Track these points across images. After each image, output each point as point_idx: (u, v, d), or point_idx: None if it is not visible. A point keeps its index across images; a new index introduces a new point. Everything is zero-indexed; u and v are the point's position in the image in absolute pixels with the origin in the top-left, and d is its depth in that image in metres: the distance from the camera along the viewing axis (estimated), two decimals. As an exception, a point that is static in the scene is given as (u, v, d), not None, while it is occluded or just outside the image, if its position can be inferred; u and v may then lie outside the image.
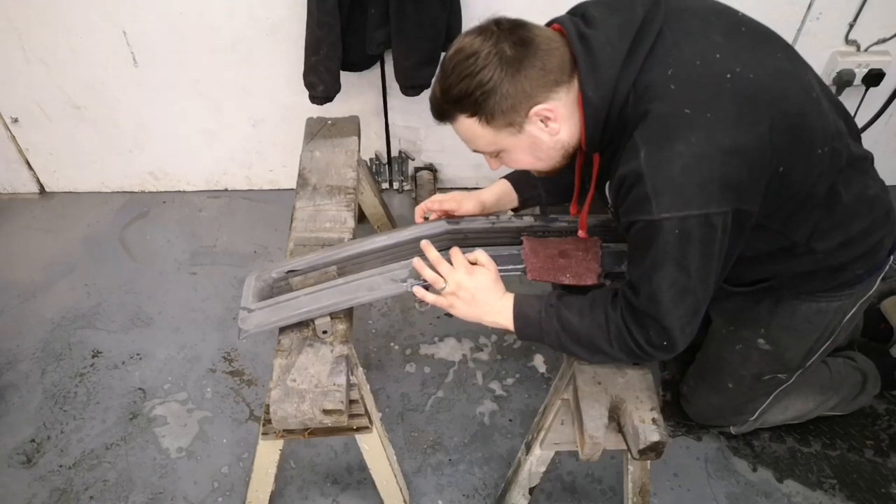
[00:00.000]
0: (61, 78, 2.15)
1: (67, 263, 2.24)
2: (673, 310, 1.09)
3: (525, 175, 1.47)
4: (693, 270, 1.06)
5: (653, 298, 1.09)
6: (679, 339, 1.13)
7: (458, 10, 1.90)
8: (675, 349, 1.14)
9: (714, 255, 1.07)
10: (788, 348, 1.44)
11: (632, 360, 1.23)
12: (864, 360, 1.74)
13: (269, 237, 2.32)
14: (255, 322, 1.28)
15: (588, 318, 1.18)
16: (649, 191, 1.01)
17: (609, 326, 1.16)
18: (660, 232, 1.03)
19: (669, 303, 1.09)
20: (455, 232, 1.41)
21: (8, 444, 1.75)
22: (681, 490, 1.66)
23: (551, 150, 1.14)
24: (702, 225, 1.02)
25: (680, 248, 1.04)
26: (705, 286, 1.10)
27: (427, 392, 1.87)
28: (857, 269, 1.30)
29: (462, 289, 1.24)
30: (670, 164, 1.00)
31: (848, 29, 1.97)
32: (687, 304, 1.10)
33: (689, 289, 1.08)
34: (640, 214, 1.04)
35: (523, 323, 1.24)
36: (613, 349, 1.17)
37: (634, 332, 1.14)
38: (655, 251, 1.05)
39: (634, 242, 1.10)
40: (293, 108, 2.19)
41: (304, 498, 1.65)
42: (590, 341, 1.18)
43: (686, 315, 1.11)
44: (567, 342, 1.20)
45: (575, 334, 1.19)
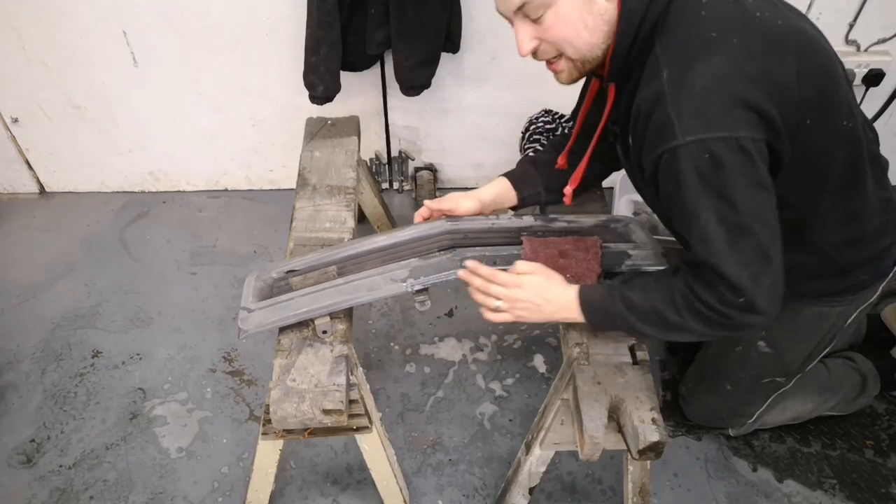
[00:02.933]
0: (61, 78, 2.16)
1: (67, 263, 2.24)
2: (732, 253, 1.00)
3: (524, 173, 1.46)
4: (740, 203, 0.98)
5: (705, 239, 1.01)
6: (755, 294, 1.02)
7: (458, 10, 1.91)
8: (756, 309, 1.03)
9: (762, 185, 0.99)
10: (788, 352, 1.44)
11: (715, 332, 1.10)
12: (864, 360, 1.74)
13: (269, 237, 2.32)
14: (255, 322, 1.28)
15: (653, 291, 1.12)
16: (671, 112, 0.97)
17: (674, 296, 1.09)
18: (688, 158, 0.97)
19: (724, 242, 1.00)
20: (455, 232, 1.41)
21: (8, 444, 1.75)
22: (681, 490, 1.66)
23: (600, 20, 1.04)
24: (733, 150, 0.96)
25: (716, 175, 0.97)
26: (763, 223, 1.01)
27: (427, 392, 1.87)
28: (862, 274, 1.29)
29: (518, 301, 1.22)
30: (692, 83, 0.97)
31: (848, 29, 1.97)
32: (748, 247, 1.00)
33: (742, 226, 0.99)
34: (664, 143, 0.99)
35: (590, 311, 1.19)
36: (685, 319, 1.08)
37: (700, 293, 1.05)
38: (690, 182, 0.99)
39: (667, 185, 1.04)
40: (293, 108, 2.19)
41: (304, 498, 1.65)
42: (658, 317, 1.11)
43: (752, 260, 1.01)
44: (636, 323, 1.14)
45: (642, 313, 1.13)
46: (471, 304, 2.08)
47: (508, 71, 2.12)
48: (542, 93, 2.14)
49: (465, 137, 2.33)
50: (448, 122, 2.29)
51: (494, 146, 2.34)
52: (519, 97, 2.17)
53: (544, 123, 1.83)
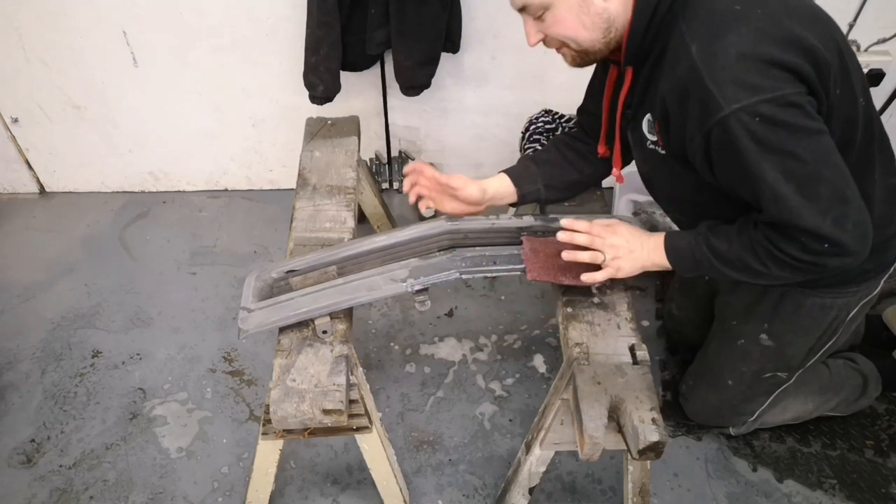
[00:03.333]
0: (61, 78, 2.16)
1: (67, 263, 2.24)
2: (808, 205, 1.00)
3: (524, 170, 1.46)
4: (803, 153, 0.98)
5: (777, 199, 1.01)
6: (842, 238, 1.02)
7: (458, 10, 1.91)
8: (846, 251, 1.03)
9: (820, 131, 0.99)
10: (790, 345, 1.44)
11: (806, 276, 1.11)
12: (865, 361, 1.74)
13: (269, 237, 2.32)
14: (255, 322, 1.28)
15: (736, 242, 1.13)
16: (709, 85, 0.97)
17: (756, 249, 1.10)
18: (739, 126, 0.97)
19: (797, 197, 1.00)
20: (455, 232, 1.41)
21: (8, 444, 1.75)
22: (681, 490, 1.66)
23: (597, 18, 1.09)
24: (783, 105, 0.96)
25: (772, 134, 0.97)
26: (833, 166, 1.00)
27: (427, 392, 1.87)
28: (866, 263, 1.25)
29: (617, 248, 1.25)
30: (725, 53, 0.97)
31: (848, 29, 1.97)
32: (823, 194, 1.00)
33: (812, 175, 0.99)
34: (711, 117, 0.99)
35: (677, 256, 1.23)
36: (769, 268, 1.10)
37: (783, 246, 1.06)
38: (748, 148, 0.98)
39: (723, 158, 1.04)
40: (293, 108, 2.19)
41: (304, 498, 1.65)
42: (744, 265, 1.13)
43: (831, 207, 1.00)
44: (723, 268, 1.16)
45: (728, 261, 1.15)
46: (471, 304, 2.09)
47: (508, 71, 2.12)
48: (542, 93, 2.14)
49: (465, 137, 2.33)
50: (448, 121, 2.29)
51: (494, 146, 2.34)
52: (519, 97, 2.17)
53: (544, 123, 1.83)
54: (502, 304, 2.10)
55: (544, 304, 2.10)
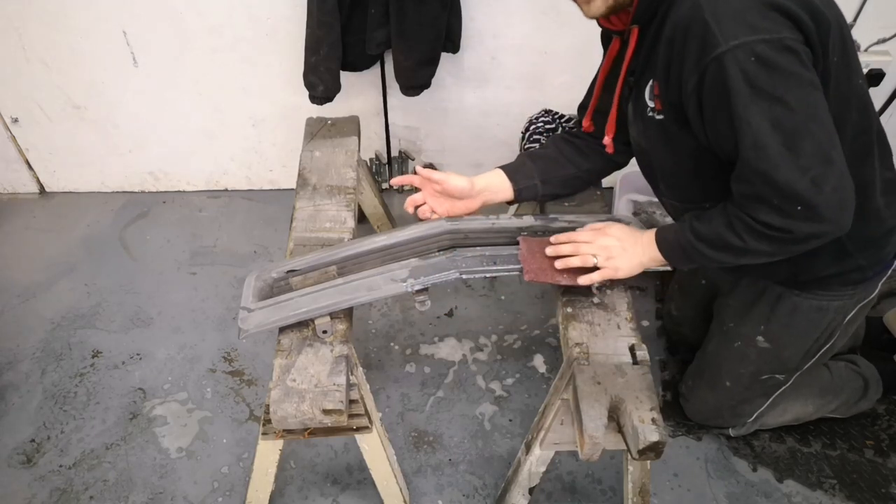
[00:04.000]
0: (61, 78, 2.16)
1: (67, 263, 2.24)
2: (789, 158, 0.97)
3: (520, 165, 1.46)
4: (794, 102, 0.95)
5: (758, 146, 0.98)
6: (817, 199, 0.98)
7: (458, 10, 1.91)
8: (820, 216, 0.99)
9: (812, 84, 0.96)
10: (787, 347, 1.44)
11: (781, 248, 1.08)
12: (867, 364, 1.74)
13: (269, 237, 2.32)
14: (255, 322, 1.28)
15: (716, 220, 1.13)
16: (709, 19, 0.96)
17: (732, 221, 1.09)
18: (733, 63, 0.95)
19: (780, 147, 0.97)
20: (455, 232, 1.41)
21: (8, 444, 1.75)
22: (681, 490, 1.66)
23: None
24: (780, 49, 0.94)
25: (765, 75, 0.95)
26: (821, 123, 0.97)
27: (427, 392, 1.87)
28: (861, 259, 1.27)
29: (609, 248, 1.26)
30: None
31: (848, 29, 1.97)
32: (807, 150, 0.97)
33: (798, 127, 0.96)
34: (708, 54, 0.97)
35: (667, 247, 1.24)
36: (746, 241, 1.08)
37: (755, 212, 1.04)
38: (739, 89, 0.96)
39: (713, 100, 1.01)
40: (293, 108, 2.19)
41: (304, 498, 1.65)
42: (723, 243, 1.12)
43: (811, 164, 0.97)
44: (707, 251, 1.16)
45: (709, 241, 1.15)
46: (471, 304, 2.09)
47: (508, 71, 2.12)
48: (542, 93, 2.14)
49: (465, 137, 2.33)
50: (448, 122, 2.29)
51: (494, 146, 2.34)
52: (519, 97, 2.17)
53: (544, 123, 1.83)
54: (502, 304, 2.10)
55: (544, 304, 2.10)
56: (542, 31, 1.99)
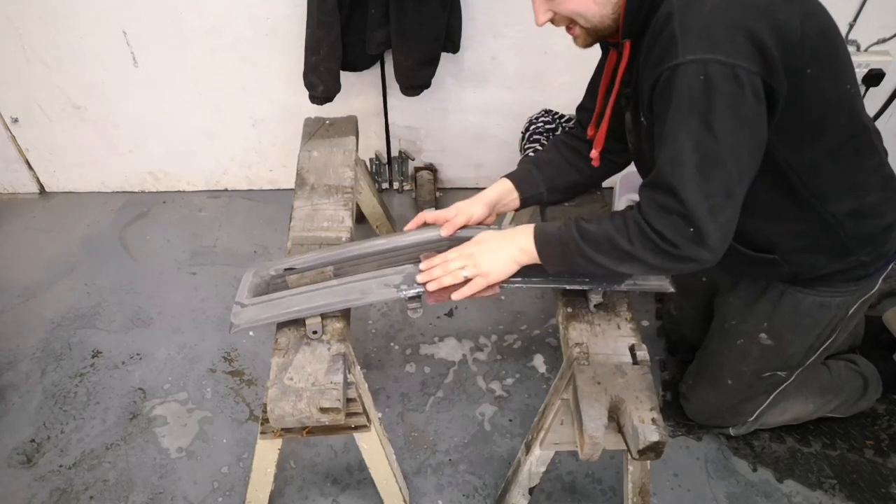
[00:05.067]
0: (61, 78, 2.16)
1: (67, 263, 2.24)
2: (699, 181, 1.00)
3: (526, 174, 1.47)
4: (721, 133, 0.99)
5: (675, 161, 1.01)
6: (710, 227, 1.01)
7: (458, 10, 1.91)
8: (706, 243, 1.03)
9: (745, 121, 1.00)
10: (790, 344, 1.44)
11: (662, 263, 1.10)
12: (866, 363, 1.74)
13: (268, 237, 2.32)
14: (247, 317, 1.29)
15: (607, 222, 1.13)
16: (676, 29, 0.99)
17: (627, 224, 1.10)
18: (683, 77, 0.98)
19: (693, 168, 1.00)
20: (455, 240, 1.40)
21: (8, 444, 1.75)
22: (681, 490, 1.65)
23: None
24: (729, 77, 0.97)
25: (705, 98, 0.98)
26: (736, 158, 1.01)
27: (427, 392, 1.87)
28: (863, 255, 1.27)
29: (473, 255, 1.25)
30: (701, 3, 0.99)
31: (848, 29, 1.97)
32: (716, 179, 1.00)
33: (717, 156, 1.00)
34: (665, 62, 1.00)
35: (544, 241, 1.21)
36: (635, 246, 1.09)
37: (654, 219, 1.05)
38: (680, 102, 1.00)
39: (659, 105, 1.04)
40: (293, 108, 2.19)
41: (304, 498, 1.65)
42: (610, 244, 1.12)
43: (716, 193, 1.01)
44: (588, 251, 1.14)
45: (594, 241, 1.14)
46: (471, 304, 2.09)
47: (508, 71, 2.12)
48: (542, 93, 2.14)
49: (465, 137, 2.33)
50: (448, 122, 2.29)
51: (494, 146, 2.34)
52: (519, 97, 2.17)
53: (544, 123, 1.83)
54: (502, 304, 2.10)
55: (544, 304, 2.10)
56: (542, 31, 1.97)
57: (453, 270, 1.25)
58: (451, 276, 1.25)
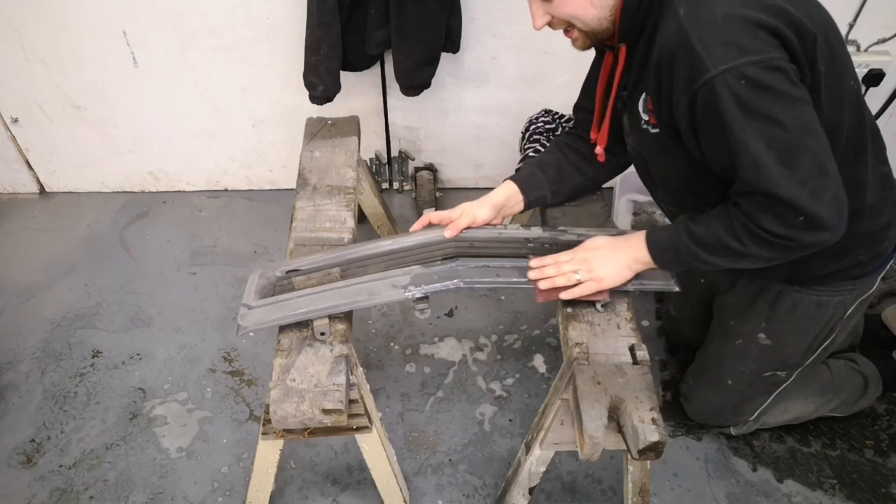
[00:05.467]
0: (61, 78, 2.16)
1: (67, 263, 2.24)
2: (788, 174, 0.99)
3: (530, 176, 1.47)
4: (787, 120, 0.97)
5: (757, 167, 1.00)
6: (819, 209, 1.00)
7: (458, 10, 1.91)
8: (821, 225, 1.02)
9: (802, 100, 0.98)
10: (789, 343, 1.44)
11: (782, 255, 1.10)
12: (866, 362, 1.74)
13: (269, 237, 2.32)
14: (254, 320, 1.28)
15: (714, 223, 1.13)
16: (696, 45, 0.97)
17: (734, 225, 1.09)
18: (724, 87, 0.97)
19: (778, 165, 0.98)
20: (461, 240, 1.40)
21: (8, 444, 1.75)
22: (681, 490, 1.66)
23: None
24: (769, 69, 0.96)
25: (757, 97, 0.96)
26: (815, 136, 0.99)
27: (427, 392, 1.87)
28: (860, 254, 1.27)
29: (588, 259, 1.26)
30: (712, 14, 0.98)
31: (848, 29, 1.97)
32: (804, 163, 0.99)
33: (794, 143, 0.98)
34: (697, 79, 0.98)
35: (657, 248, 1.22)
36: (747, 246, 1.09)
37: (760, 220, 1.04)
38: (732, 112, 0.98)
39: (707, 122, 1.03)
40: (293, 108, 2.19)
41: (304, 498, 1.65)
42: (722, 246, 1.12)
43: (809, 177, 0.99)
44: (702, 253, 1.15)
45: (706, 244, 1.14)
46: (471, 304, 2.09)
47: (508, 71, 2.12)
48: (542, 93, 2.14)
49: (465, 137, 2.33)
50: (448, 122, 2.29)
51: (494, 146, 2.34)
52: (519, 97, 2.17)
53: (544, 123, 1.83)
54: (502, 304, 2.10)
55: (544, 304, 2.10)
56: (542, 31, 1.99)
57: (567, 272, 1.27)
58: (565, 277, 1.27)
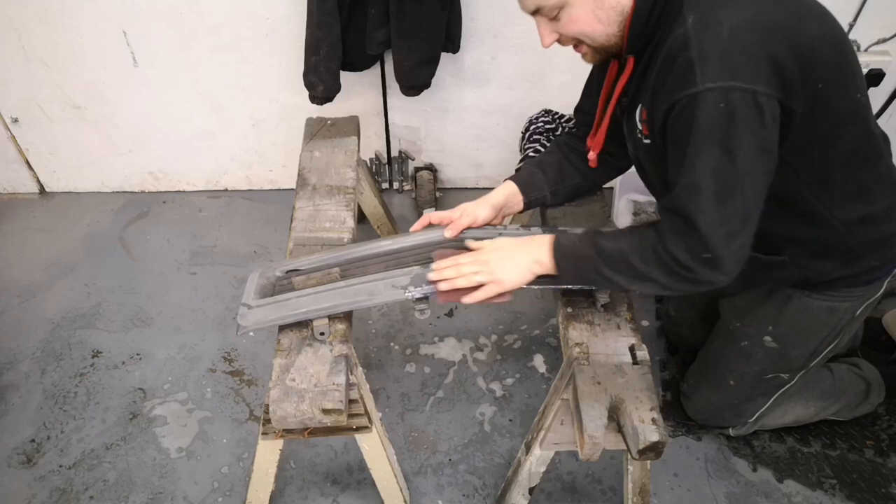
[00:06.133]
0: (61, 78, 2.16)
1: (67, 263, 2.24)
2: (715, 207, 1.02)
3: (530, 176, 1.47)
4: (740, 159, 0.99)
5: (693, 189, 1.02)
6: (725, 252, 1.04)
7: (458, 10, 1.91)
8: (721, 267, 1.05)
9: (763, 146, 1.01)
10: (794, 347, 1.44)
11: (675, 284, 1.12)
12: (870, 367, 1.73)
13: (269, 237, 2.32)
14: (254, 319, 1.28)
15: (624, 239, 1.15)
16: (694, 56, 0.98)
17: (643, 244, 1.12)
18: (703, 106, 0.98)
19: (711, 195, 1.01)
20: (460, 240, 1.40)
21: (8, 444, 1.75)
22: (681, 490, 1.66)
23: (611, 12, 1.09)
24: (748, 103, 0.97)
25: (725, 126, 0.98)
26: (753, 184, 1.02)
27: (427, 392, 1.87)
28: (872, 259, 1.27)
29: (489, 262, 1.25)
30: (719, 26, 0.99)
31: (848, 29, 1.97)
32: (733, 206, 1.02)
33: (735, 183, 1.01)
34: (683, 89, 1.00)
35: (561, 253, 1.22)
36: (650, 267, 1.11)
37: (669, 244, 1.07)
38: (700, 129, 0.99)
39: (676, 131, 1.05)
40: (293, 108, 2.19)
41: (304, 498, 1.65)
42: (625, 264, 1.14)
43: (731, 219, 1.03)
44: (603, 268, 1.16)
45: (609, 259, 1.16)
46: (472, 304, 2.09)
47: (508, 71, 2.12)
48: (542, 93, 2.14)
49: (465, 137, 2.33)
50: (448, 122, 2.29)
51: (494, 146, 2.34)
52: (519, 97, 2.18)
53: (544, 123, 1.83)
54: (502, 304, 2.10)
55: (544, 304, 2.10)
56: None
57: (466, 274, 1.25)
58: (465, 279, 1.25)
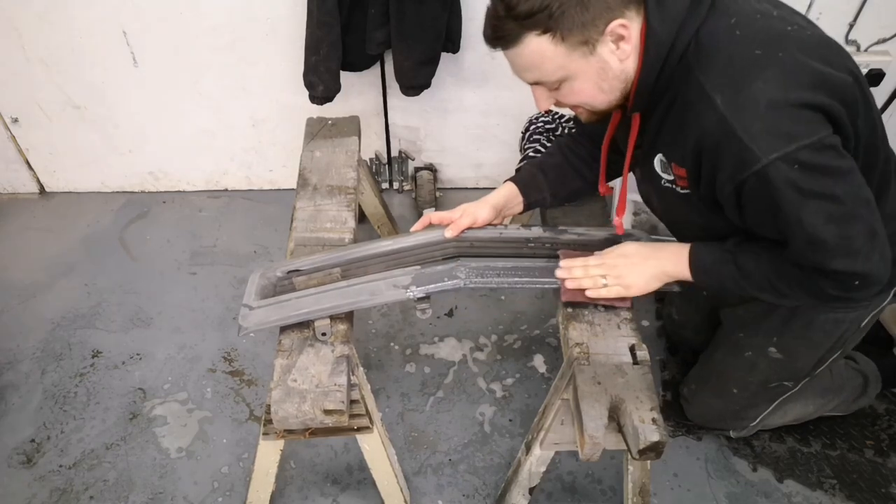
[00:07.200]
0: (61, 78, 2.15)
1: (67, 263, 2.24)
2: (843, 245, 1.01)
3: (531, 178, 1.47)
4: (842, 194, 0.98)
5: (812, 242, 1.01)
6: (869, 270, 1.04)
7: (458, 10, 1.91)
8: (872, 280, 1.06)
9: (853, 169, 1.00)
10: (800, 358, 1.42)
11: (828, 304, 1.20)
12: (866, 361, 1.73)
13: (269, 237, 2.33)
14: (255, 320, 1.28)
15: (766, 263, 1.14)
16: (743, 137, 0.96)
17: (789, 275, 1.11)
18: (778, 175, 0.96)
19: (835, 238, 1.00)
20: (461, 240, 1.40)
21: (8, 444, 1.75)
22: (681, 490, 1.66)
23: (615, 81, 1.07)
24: (818, 151, 0.95)
25: (812, 179, 0.96)
26: (866, 203, 1.01)
27: (427, 392, 1.87)
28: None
29: (618, 267, 1.25)
30: (755, 103, 0.96)
31: (848, 29, 1.97)
32: (857, 234, 1.01)
33: (849, 215, 1.00)
34: (746, 169, 0.98)
35: (704, 271, 1.21)
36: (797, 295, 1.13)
37: (815, 280, 1.08)
38: (788, 196, 0.98)
39: (758, 205, 1.03)
40: (293, 108, 2.19)
41: (304, 498, 1.65)
42: (771, 286, 1.14)
43: (860, 247, 1.02)
44: (748, 287, 1.16)
45: (755, 281, 1.15)
46: (471, 304, 2.09)
47: (508, 71, 2.10)
48: (542, 93, 2.14)
49: (465, 137, 2.33)
50: (448, 122, 2.29)
51: (494, 146, 2.34)
52: (519, 97, 2.17)
53: (544, 123, 1.83)
54: (502, 304, 2.10)
55: (544, 304, 2.10)
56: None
57: (594, 276, 1.26)
58: (591, 280, 1.26)
